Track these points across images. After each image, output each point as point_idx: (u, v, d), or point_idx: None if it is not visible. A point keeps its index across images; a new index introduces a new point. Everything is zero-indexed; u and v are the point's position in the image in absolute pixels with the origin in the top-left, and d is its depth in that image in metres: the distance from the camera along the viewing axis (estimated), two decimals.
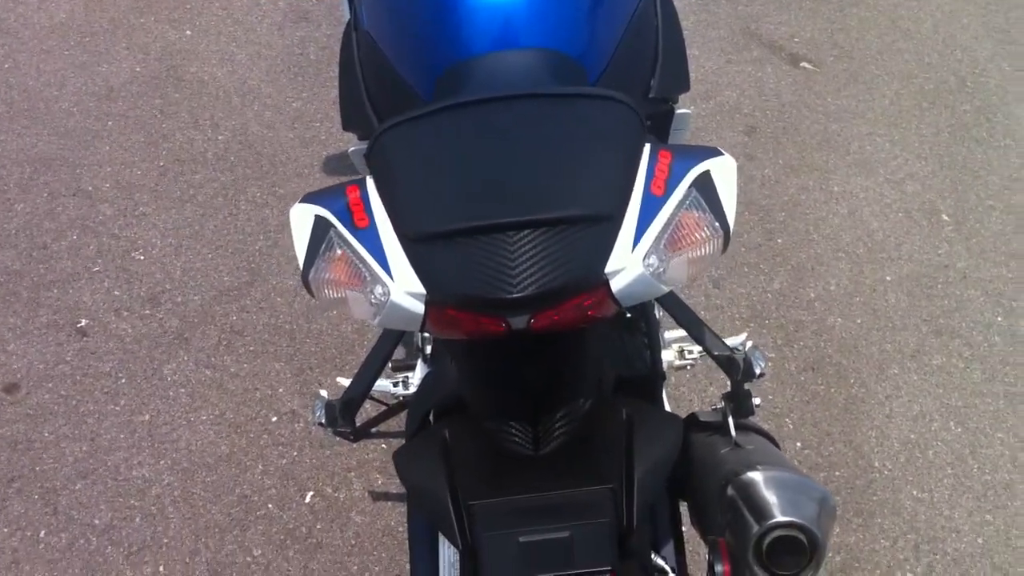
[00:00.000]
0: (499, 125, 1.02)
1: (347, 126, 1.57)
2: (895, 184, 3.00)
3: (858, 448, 2.29)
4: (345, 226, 0.98)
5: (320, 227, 0.99)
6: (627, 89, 1.40)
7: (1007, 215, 2.90)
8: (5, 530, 2.12)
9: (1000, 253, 2.77)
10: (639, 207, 0.97)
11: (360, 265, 0.97)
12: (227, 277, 2.61)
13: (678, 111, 1.67)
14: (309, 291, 1.01)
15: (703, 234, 0.98)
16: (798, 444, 2.29)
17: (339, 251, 0.98)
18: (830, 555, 2.10)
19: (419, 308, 0.95)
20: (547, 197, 0.94)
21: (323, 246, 0.98)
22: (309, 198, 1.02)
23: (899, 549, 2.13)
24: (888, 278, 2.68)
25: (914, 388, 2.43)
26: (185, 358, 2.42)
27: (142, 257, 2.65)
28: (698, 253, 0.98)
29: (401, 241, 0.96)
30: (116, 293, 2.56)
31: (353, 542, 2.12)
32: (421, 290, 0.94)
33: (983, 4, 3.86)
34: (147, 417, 2.30)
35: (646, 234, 0.95)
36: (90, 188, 2.87)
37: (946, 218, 2.88)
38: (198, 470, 2.21)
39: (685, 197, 0.98)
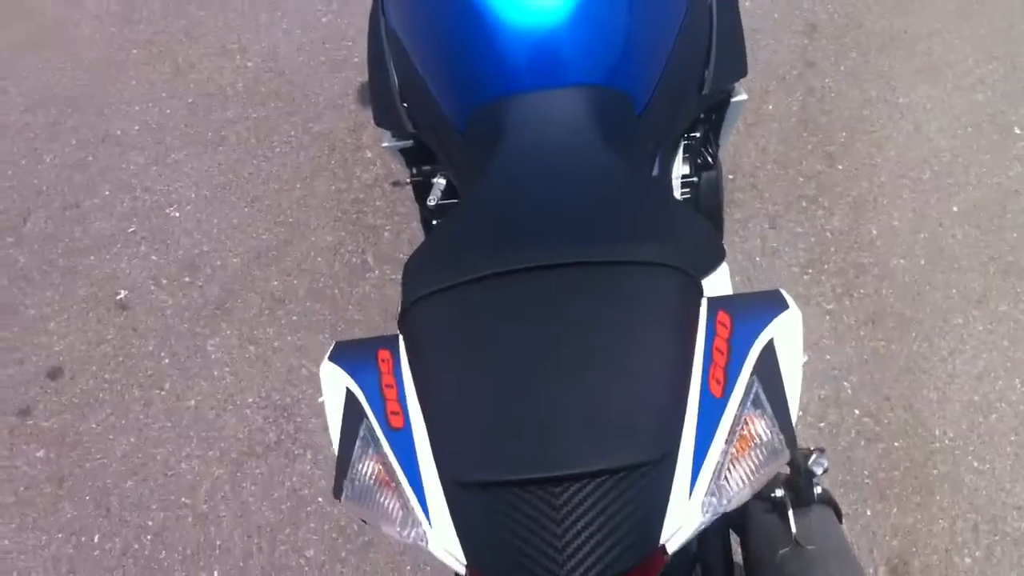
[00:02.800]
0: (541, 313, 0.92)
1: (380, 123, 1.51)
2: (964, 91, 2.81)
3: (918, 414, 2.22)
4: (379, 420, 0.92)
5: (352, 411, 0.95)
6: (679, 96, 1.32)
7: None
8: (60, 536, 2.14)
9: None
10: (696, 422, 0.87)
11: (397, 499, 0.90)
12: (265, 234, 2.54)
13: (733, 100, 1.59)
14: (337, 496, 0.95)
15: (762, 453, 0.89)
16: (856, 411, 2.23)
17: (373, 464, 0.93)
18: (886, 538, 2.07)
19: (460, 567, 0.89)
20: (597, 442, 0.85)
21: (355, 449, 0.94)
22: (340, 358, 0.98)
23: (958, 531, 2.08)
24: (955, 209, 2.54)
25: (978, 341, 2.33)
26: (228, 332, 2.39)
27: (177, 214, 2.58)
28: (759, 474, 0.89)
29: (440, 478, 0.89)
30: (153, 258, 2.51)
31: None
32: (460, 555, 0.87)
33: None
34: (193, 403, 2.28)
35: (703, 468, 0.87)
36: (119, 132, 2.78)
37: (1018, 131, 2.70)
38: (247, 460, 2.20)
39: (746, 395, 0.89)
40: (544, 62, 1.19)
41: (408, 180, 1.65)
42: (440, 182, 1.55)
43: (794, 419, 0.90)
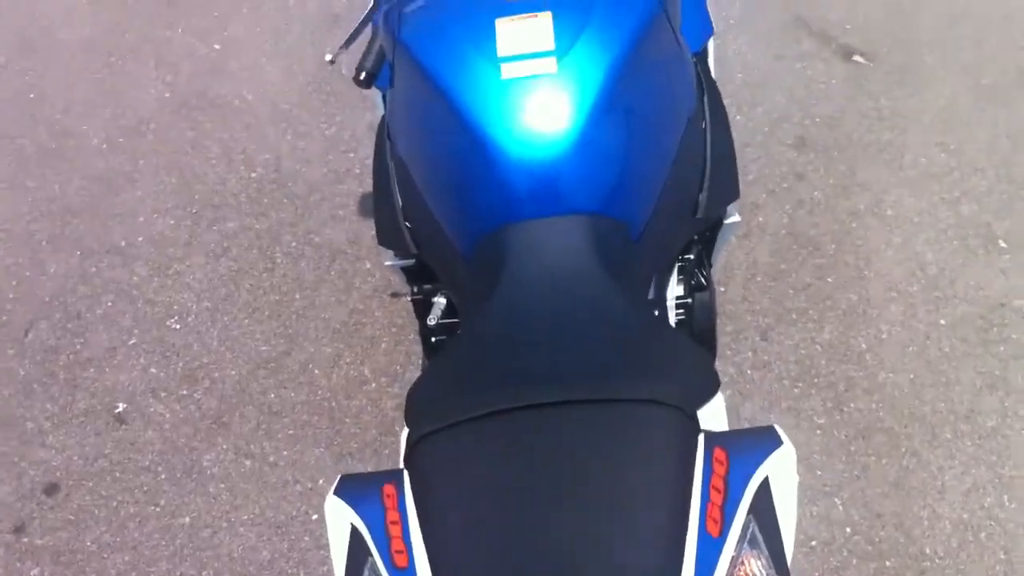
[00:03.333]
0: (543, 452, 0.96)
1: (383, 243, 1.56)
2: (950, 204, 2.87)
3: (909, 532, 2.24)
4: (383, 559, 0.95)
5: (357, 547, 0.97)
6: (674, 220, 1.36)
7: None
8: None
9: None
10: (694, 561, 0.91)
11: None
12: (264, 346, 2.58)
13: (726, 222, 1.65)
14: None
15: None
16: (847, 529, 2.24)
17: None
18: None
19: None
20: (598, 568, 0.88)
21: None
22: (345, 492, 1.00)
23: None
24: (942, 321, 2.59)
25: (967, 456, 2.35)
26: (224, 446, 2.42)
27: (178, 326, 2.63)
28: None
29: None
30: (153, 371, 2.55)
31: None
32: None
33: None
34: (187, 520, 2.31)
35: None
36: (123, 243, 2.84)
37: (1003, 244, 2.75)
38: None
39: (743, 534, 0.92)
40: (546, 191, 1.25)
41: (409, 297, 1.70)
42: (440, 301, 1.59)
43: (789, 557, 0.93)
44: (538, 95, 1.25)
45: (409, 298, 1.71)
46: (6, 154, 3.14)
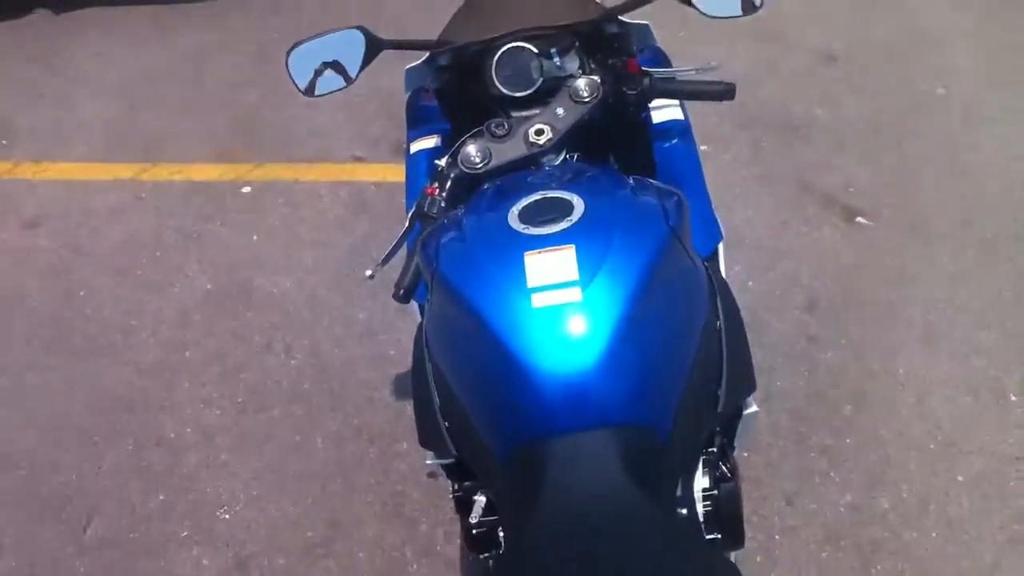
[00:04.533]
0: None
1: (423, 443, 1.68)
2: (960, 360, 2.99)
3: None
4: None
5: None
6: (697, 418, 1.51)
7: None
8: None
9: None
10: None
11: None
12: (310, 532, 2.70)
13: (745, 412, 1.76)
14: None
15: None
16: None
17: None
18: None
19: None
20: None
21: None
22: None
23: None
24: (960, 478, 2.68)
25: None
26: None
27: (227, 516, 2.76)
28: None
29: None
30: (205, 562, 2.67)
31: None
32: None
33: None
34: None
35: None
36: (172, 435, 2.99)
37: (1014, 398, 2.86)
38: None
39: None
40: (577, 407, 1.37)
41: (450, 495, 1.81)
42: (481, 500, 1.69)
43: None
44: (566, 321, 1.37)
45: (451, 495, 1.82)
46: (59, 350, 3.33)
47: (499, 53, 1.78)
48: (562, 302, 1.38)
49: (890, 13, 4.64)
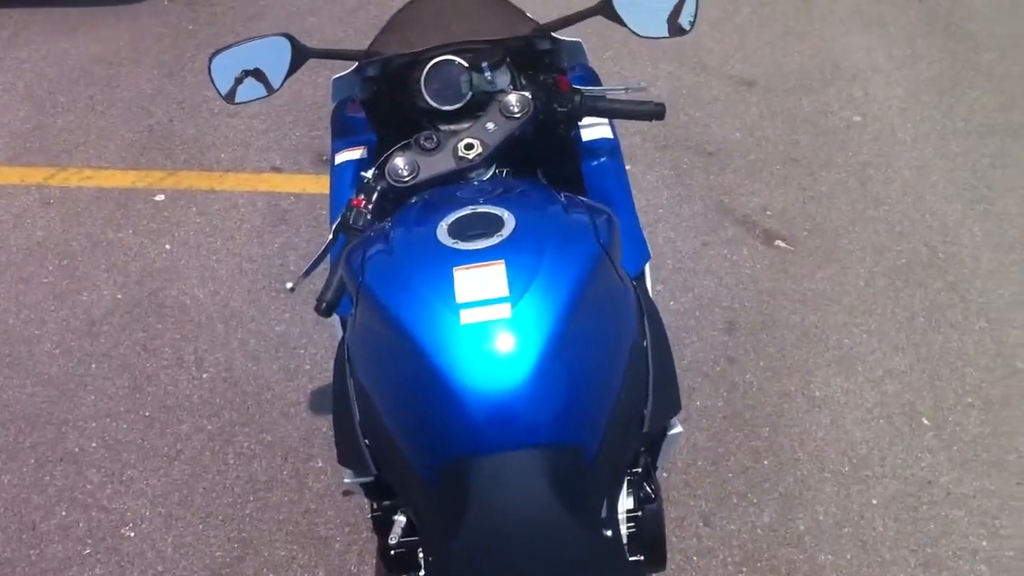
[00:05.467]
0: None
1: (342, 461, 1.63)
2: (874, 383, 3.03)
3: None
4: None
5: None
6: (624, 438, 1.48)
7: (985, 413, 2.92)
8: None
9: (981, 462, 2.79)
10: None
11: None
12: (219, 552, 2.62)
13: (670, 433, 1.75)
14: None
15: None
16: None
17: None
18: None
19: None
20: None
21: None
22: None
23: None
24: (874, 501, 2.71)
25: None
26: None
27: (132, 534, 2.66)
28: None
29: None
30: None
31: None
32: None
33: (951, 157, 3.91)
34: None
35: None
36: (76, 450, 2.88)
37: (926, 422, 2.90)
38: None
39: None
40: (505, 425, 1.34)
41: (369, 514, 1.77)
42: (401, 519, 1.65)
43: None
44: (495, 338, 1.35)
45: (369, 515, 1.78)
46: None
47: (429, 66, 1.76)
48: (491, 319, 1.37)
49: (810, 44, 4.72)
